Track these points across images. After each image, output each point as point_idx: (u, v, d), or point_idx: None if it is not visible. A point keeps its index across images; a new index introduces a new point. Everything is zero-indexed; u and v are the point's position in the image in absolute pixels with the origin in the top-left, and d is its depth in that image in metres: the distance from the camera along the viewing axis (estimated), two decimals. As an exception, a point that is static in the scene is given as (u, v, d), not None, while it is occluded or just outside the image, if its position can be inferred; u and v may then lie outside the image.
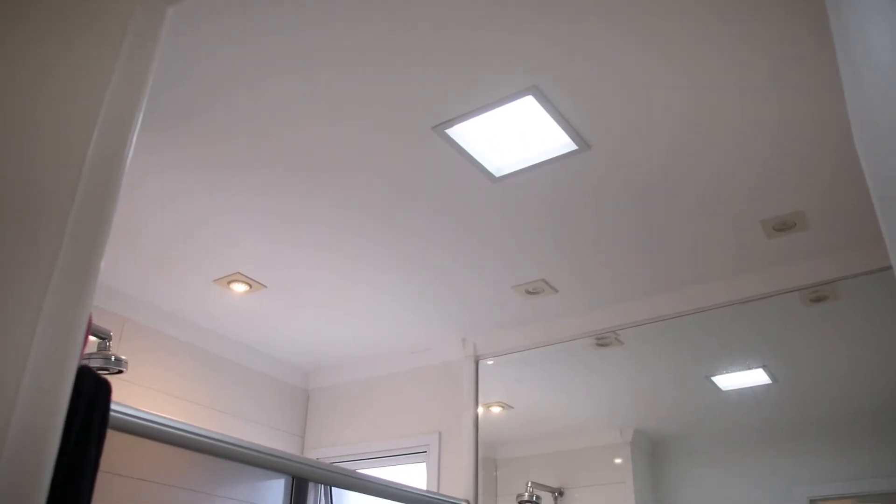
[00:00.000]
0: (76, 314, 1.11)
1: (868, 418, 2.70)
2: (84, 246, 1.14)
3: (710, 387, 3.07)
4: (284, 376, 4.12)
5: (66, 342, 1.09)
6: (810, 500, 2.71)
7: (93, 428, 1.31)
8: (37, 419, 1.03)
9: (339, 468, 2.91)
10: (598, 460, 3.27)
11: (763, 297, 2.96)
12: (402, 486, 3.16)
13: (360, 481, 2.95)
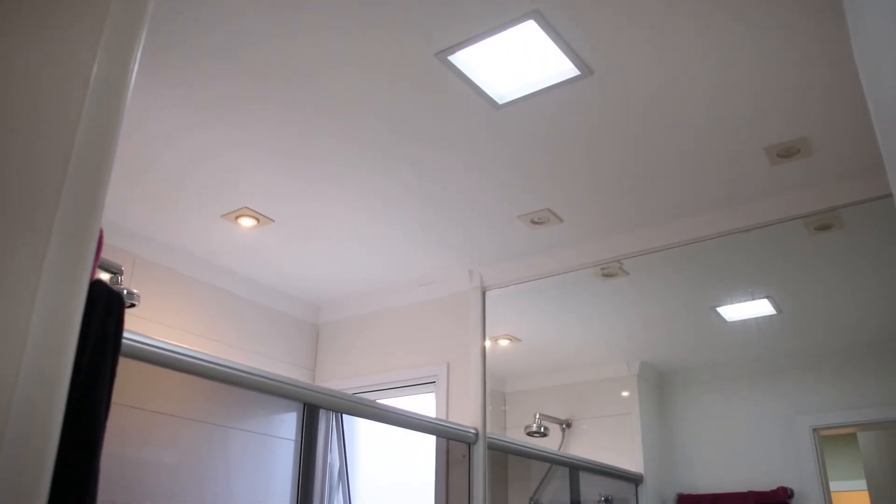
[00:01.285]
0: (87, 227, 1.12)
1: (872, 348, 2.72)
2: (91, 163, 1.15)
3: (715, 318, 3.09)
4: (294, 311, 4.16)
5: (78, 255, 1.10)
6: (813, 429, 2.74)
7: (107, 341, 1.33)
8: (51, 334, 1.05)
9: (349, 395, 2.94)
10: (605, 393, 3.30)
11: (768, 225, 2.95)
12: (411, 413, 3.21)
13: (370, 408, 3.00)
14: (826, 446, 2.70)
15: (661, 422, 3.11)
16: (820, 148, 2.66)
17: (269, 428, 3.79)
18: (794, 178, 2.85)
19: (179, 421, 3.39)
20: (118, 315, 1.36)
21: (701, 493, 2.92)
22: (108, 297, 1.33)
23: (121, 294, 1.37)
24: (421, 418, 3.24)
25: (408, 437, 3.92)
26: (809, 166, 2.78)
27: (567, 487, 3.36)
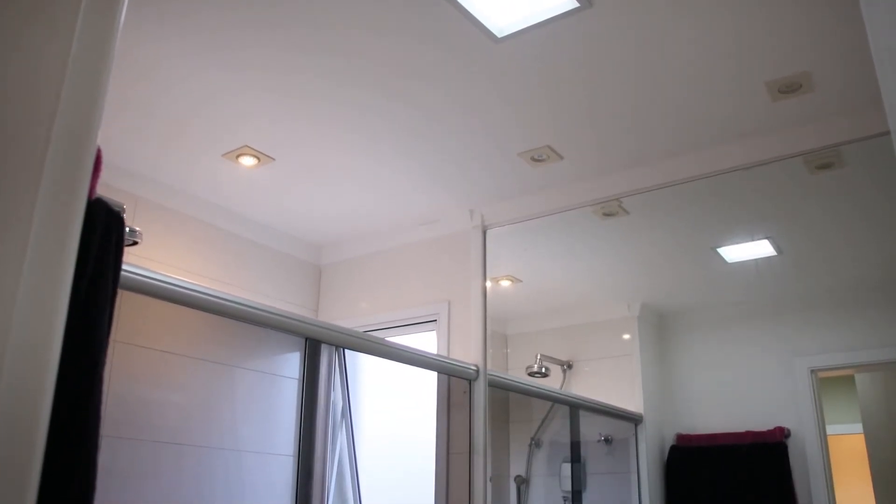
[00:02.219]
0: (83, 142, 1.11)
1: (872, 289, 2.72)
2: (86, 77, 1.14)
3: (715, 259, 3.09)
4: (297, 252, 4.17)
5: (75, 170, 1.10)
6: (811, 370, 2.76)
7: (107, 262, 1.32)
8: (48, 253, 1.05)
9: (351, 330, 2.96)
10: (606, 334, 3.32)
11: (769, 162, 2.91)
12: (412, 349, 3.23)
13: (372, 343, 3.01)
14: (824, 390, 2.72)
15: (660, 363, 3.13)
16: (821, 83, 2.63)
17: (272, 367, 3.83)
18: (795, 114, 2.82)
19: (184, 360, 3.42)
20: (118, 234, 1.36)
21: (700, 434, 2.95)
22: (107, 216, 1.32)
23: (120, 213, 1.36)
24: (422, 354, 3.27)
25: (409, 375, 3.96)
26: (810, 102, 2.74)
27: (567, 428, 3.40)
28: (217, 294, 2.35)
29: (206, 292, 2.30)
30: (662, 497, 3.00)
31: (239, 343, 3.71)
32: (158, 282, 2.10)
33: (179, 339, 3.43)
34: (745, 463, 2.86)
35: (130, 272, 1.98)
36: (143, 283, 2.05)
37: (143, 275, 2.05)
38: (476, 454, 3.34)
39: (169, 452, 3.28)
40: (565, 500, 3.28)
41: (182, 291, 2.20)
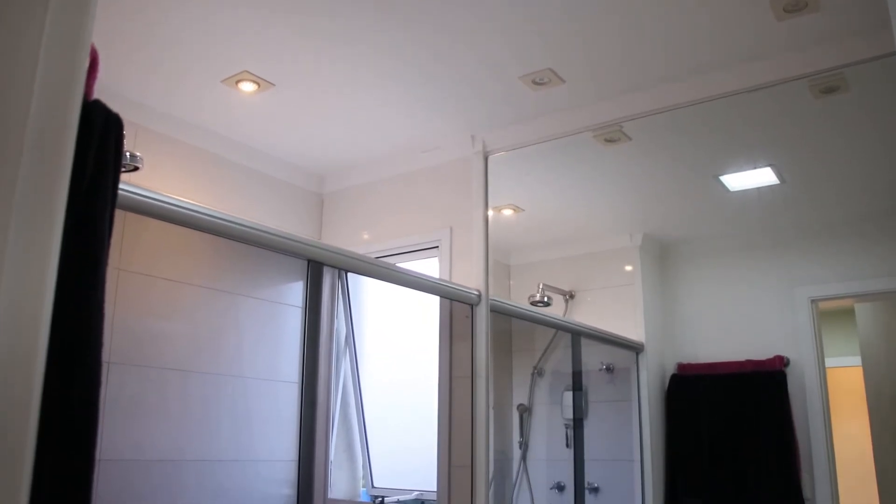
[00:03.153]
0: (76, 38, 1.10)
1: (875, 218, 2.71)
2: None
3: (718, 187, 3.07)
4: (298, 181, 4.16)
5: (70, 68, 1.10)
6: (811, 300, 2.77)
7: (107, 165, 1.32)
8: (44, 151, 1.05)
9: (352, 252, 2.96)
10: (608, 264, 3.33)
11: (773, 85, 2.84)
12: (414, 272, 3.24)
13: (374, 267, 3.02)
14: (824, 323, 2.73)
15: (662, 293, 3.14)
16: (827, 2, 2.55)
17: (276, 295, 3.85)
18: (800, 34, 2.74)
19: (189, 288, 3.44)
20: (117, 136, 1.35)
21: (700, 363, 2.98)
22: (105, 118, 1.31)
23: (118, 115, 1.34)
24: (424, 277, 3.28)
25: (412, 302, 3.99)
26: (816, 22, 2.66)
27: (569, 357, 3.43)
28: (219, 214, 2.34)
29: (209, 213, 2.29)
30: (663, 424, 3.04)
31: (242, 270, 3.73)
32: (161, 202, 2.09)
33: (183, 268, 3.44)
34: (745, 391, 2.89)
35: (132, 192, 1.97)
36: (146, 203, 2.03)
37: (144, 195, 2.04)
38: (478, 378, 3.38)
39: (175, 379, 3.33)
40: (567, 427, 3.33)
41: (184, 212, 2.19)
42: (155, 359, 3.26)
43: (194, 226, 2.27)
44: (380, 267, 3.03)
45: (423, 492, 3.58)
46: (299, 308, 3.93)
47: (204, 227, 2.31)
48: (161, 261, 3.34)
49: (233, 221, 2.39)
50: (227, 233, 2.38)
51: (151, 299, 3.28)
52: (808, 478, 2.67)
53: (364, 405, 4.09)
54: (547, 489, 3.35)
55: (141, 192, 2.04)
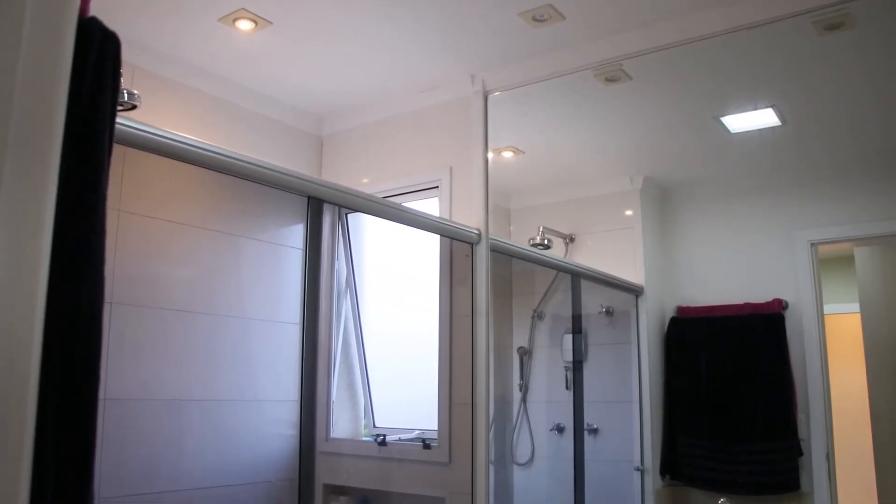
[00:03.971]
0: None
1: (877, 160, 2.70)
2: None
3: (719, 129, 3.05)
4: (297, 122, 4.13)
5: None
6: (811, 243, 2.77)
7: (105, 83, 1.30)
8: (40, 72, 1.03)
9: (353, 189, 2.95)
10: (609, 208, 3.33)
11: (776, 21, 2.77)
12: (414, 210, 3.24)
13: (374, 204, 3.01)
14: (823, 271, 2.74)
15: (662, 236, 3.14)
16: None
17: (277, 237, 3.86)
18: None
19: (190, 230, 3.45)
20: (115, 56, 1.33)
21: (699, 306, 2.99)
22: (102, 37, 1.29)
23: (116, 34, 1.32)
24: (424, 216, 3.28)
25: (412, 244, 3.99)
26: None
27: (569, 300, 3.44)
28: (219, 149, 2.32)
29: (208, 147, 2.27)
30: (661, 366, 3.07)
31: (243, 212, 3.73)
32: (160, 137, 2.07)
33: (184, 209, 3.44)
34: (743, 334, 2.91)
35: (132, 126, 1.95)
36: (145, 138, 2.02)
37: (144, 129, 2.02)
38: (479, 316, 3.40)
39: (178, 320, 3.35)
40: (566, 370, 3.36)
41: (184, 147, 2.17)
42: (157, 300, 3.28)
43: (194, 161, 2.26)
44: (380, 204, 3.02)
45: (425, 430, 3.62)
46: (300, 250, 3.94)
47: (204, 163, 2.29)
48: (161, 202, 3.34)
49: (233, 157, 2.38)
50: (227, 168, 2.37)
51: (152, 241, 3.29)
52: (804, 418, 2.71)
53: (365, 346, 4.12)
54: (547, 430, 3.39)
55: (140, 127, 2.03)
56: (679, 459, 2.98)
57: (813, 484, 2.66)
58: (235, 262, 3.65)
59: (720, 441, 2.89)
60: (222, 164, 2.33)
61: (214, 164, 2.31)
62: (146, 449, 3.17)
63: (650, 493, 3.03)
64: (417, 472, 3.55)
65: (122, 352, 3.09)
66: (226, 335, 3.56)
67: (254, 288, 3.72)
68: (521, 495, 3.44)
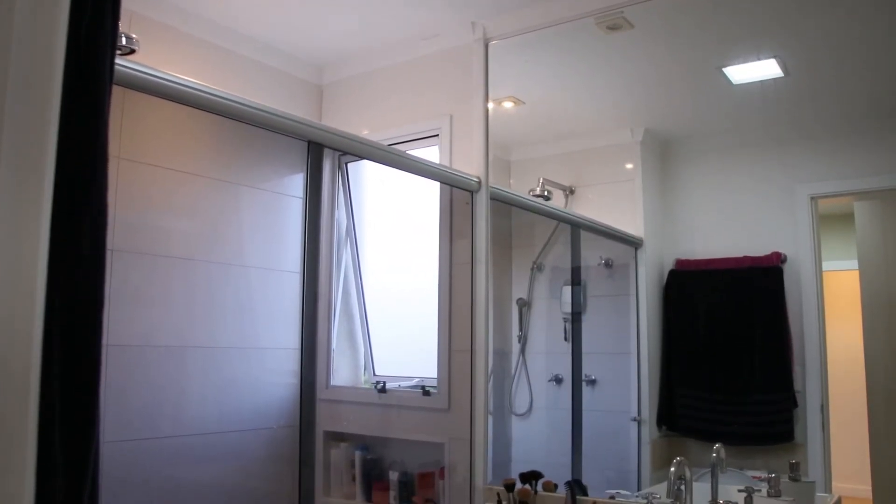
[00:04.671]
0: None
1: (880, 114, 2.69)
2: None
3: (721, 79, 3.03)
4: (297, 72, 4.11)
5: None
6: (811, 197, 2.77)
7: (104, 21, 1.29)
8: (40, 5, 1.02)
9: (354, 135, 2.94)
10: (609, 160, 3.32)
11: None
12: (414, 157, 3.23)
13: (374, 149, 3.01)
14: (823, 227, 2.74)
15: (662, 189, 3.14)
16: None
17: (277, 185, 3.86)
18: None
19: (191, 178, 3.45)
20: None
21: (698, 259, 3.00)
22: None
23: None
24: (424, 162, 3.27)
25: (412, 194, 4.00)
26: None
27: (568, 252, 3.45)
28: (219, 92, 2.31)
29: (208, 90, 2.26)
30: (660, 318, 3.08)
31: (243, 160, 3.72)
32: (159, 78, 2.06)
33: (184, 157, 3.44)
34: (741, 286, 2.92)
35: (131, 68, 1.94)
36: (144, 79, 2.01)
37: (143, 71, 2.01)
38: (478, 264, 3.41)
39: (179, 268, 3.36)
40: (565, 321, 3.38)
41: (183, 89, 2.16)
42: (158, 248, 3.29)
43: (194, 103, 2.25)
44: (380, 150, 3.01)
45: (424, 378, 3.65)
46: (300, 199, 3.94)
47: (204, 105, 2.28)
48: (162, 151, 3.33)
49: (233, 99, 2.37)
50: (227, 111, 2.36)
51: (153, 189, 3.29)
52: (800, 371, 2.73)
53: (365, 295, 4.14)
54: (545, 381, 3.42)
55: (139, 68, 2.02)
56: (675, 410, 3.01)
57: (807, 435, 2.69)
58: (236, 211, 3.66)
59: (717, 393, 2.92)
60: (222, 107, 2.32)
61: (214, 106, 2.30)
62: (149, 395, 3.21)
63: (646, 444, 3.07)
64: (417, 419, 3.60)
65: (124, 299, 3.11)
66: (227, 283, 3.58)
67: (254, 236, 3.73)
68: (519, 445, 3.49)
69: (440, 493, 3.48)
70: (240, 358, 3.60)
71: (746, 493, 2.62)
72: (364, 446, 3.84)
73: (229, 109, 2.36)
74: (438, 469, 3.50)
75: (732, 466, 2.72)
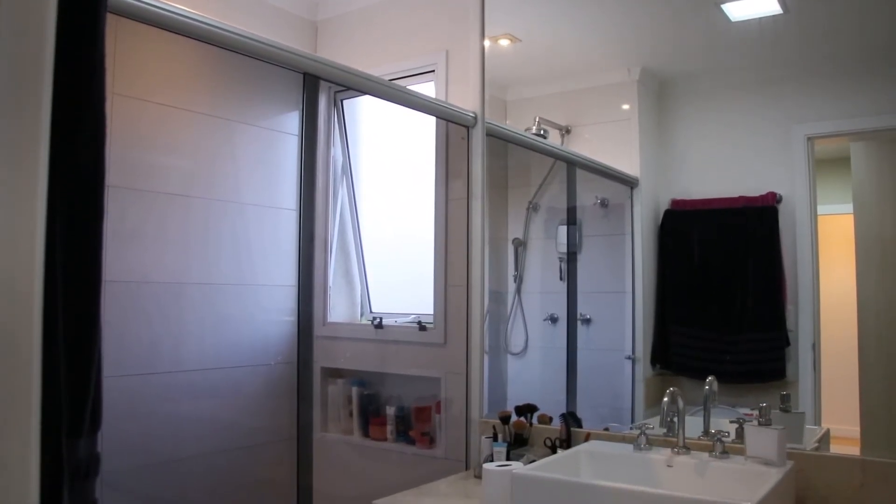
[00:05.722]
0: None
1: (875, 54, 2.67)
2: None
3: (719, 16, 3.00)
4: (291, 7, 4.06)
5: None
6: (808, 137, 2.76)
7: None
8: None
9: (350, 67, 2.92)
10: (606, 99, 3.31)
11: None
12: (411, 91, 3.22)
13: (370, 82, 2.99)
14: (819, 171, 2.74)
15: (658, 128, 3.13)
16: None
17: (272, 123, 3.84)
18: None
19: (185, 114, 3.43)
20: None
21: (694, 198, 3.00)
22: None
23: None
24: (420, 96, 3.26)
25: (408, 130, 3.99)
26: None
27: (564, 191, 3.45)
28: (213, 21, 2.29)
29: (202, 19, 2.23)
30: (655, 258, 3.10)
31: (239, 95, 3.70)
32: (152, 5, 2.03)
33: (179, 93, 3.42)
34: (736, 226, 2.93)
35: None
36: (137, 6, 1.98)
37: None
38: (474, 199, 3.42)
39: (175, 205, 3.36)
40: (561, 261, 3.39)
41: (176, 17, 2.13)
42: (154, 185, 3.29)
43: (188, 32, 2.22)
44: (376, 82, 2.99)
45: (420, 315, 3.68)
46: (295, 136, 3.93)
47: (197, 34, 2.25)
48: (156, 86, 3.31)
49: (228, 29, 2.34)
50: (222, 41, 2.33)
51: (148, 125, 3.28)
52: (793, 309, 2.75)
53: (361, 232, 4.15)
54: (540, 321, 3.45)
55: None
56: (670, 349, 3.04)
57: (798, 372, 2.72)
58: (231, 148, 3.65)
59: (710, 331, 2.95)
60: (217, 37, 2.30)
61: (208, 35, 2.27)
62: (148, 331, 3.24)
63: (640, 382, 3.11)
64: (413, 354, 3.63)
65: (121, 235, 3.12)
66: (224, 221, 3.59)
67: (251, 174, 3.73)
68: (514, 383, 3.53)
69: (436, 427, 3.54)
70: (237, 295, 3.63)
71: (738, 423, 2.66)
72: (361, 381, 3.88)
73: (224, 39, 2.33)
74: (435, 403, 3.55)
75: (724, 404, 2.76)
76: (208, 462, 3.49)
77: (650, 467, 2.61)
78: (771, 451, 2.42)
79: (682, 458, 2.59)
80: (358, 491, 3.65)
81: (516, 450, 3.00)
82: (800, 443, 2.61)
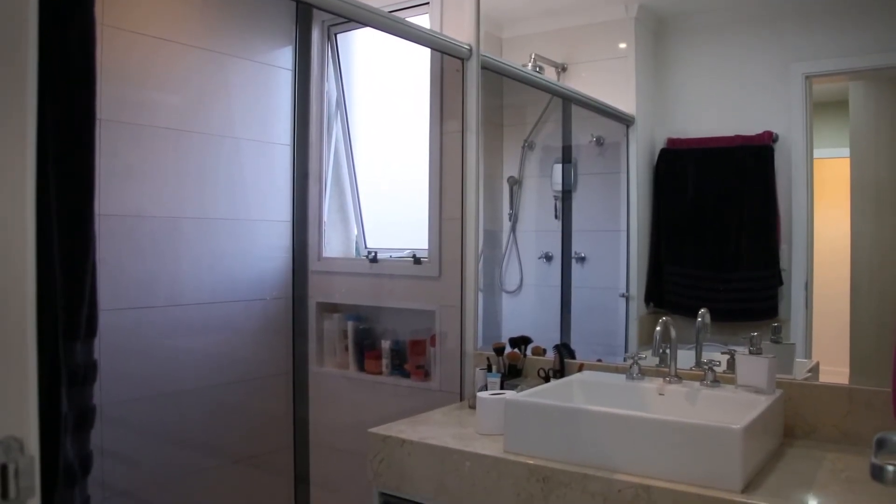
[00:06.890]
0: None
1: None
2: None
3: (719, -51, 2.96)
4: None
5: None
6: (805, 76, 2.75)
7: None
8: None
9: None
10: (602, 37, 3.27)
11: None
12: (405, 21, 3.18)
13: (364, 11, 2.95)
14: (816, 115, 2.72)
15: (655, 67, 3.11)
16: None
17: (267, 58, 3.80)
18: None
19: (179, 47, 3.39)
20: None
21: (690, 137, 3.00)
22: None
23: None
24: (414, 27, 3.22)
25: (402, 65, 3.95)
26: None
27: (560, 129, 3.44)
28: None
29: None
30: (650, 197, 3.10)
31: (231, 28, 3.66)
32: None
33: (171, 25, 3.38)
34: (732, 165, 2.93)
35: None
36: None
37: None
38: (469, 132, 3.41)
39: (169, 139, 3.35)
40: (556, 199, 3.39)
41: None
42: (148, 119, 3.27)
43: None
44: (368, 11, 2.95)
45: (415, 250, 3.69)
46: (289, 71, 3.90)
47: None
48: (148, 18, 3.27)
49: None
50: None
51: (140, 58, 3.25)
52: (787, 249, 2.77)
53: (356, 168, 4.15)
54: (535, 259, 3.46)
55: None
56: (664, 287, 3.06)
57: (790, 311, 2.75)
58: (225, 82, 3.62)
59: (704, 269, 2.97)
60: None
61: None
62: (144, 265, 3.25)
63: (634, 320, 3.14)
64: (408, 287, 3.65)
65: (115, 169, 3.11)
66: (218, 155, 3.58)
67: (244, 109, 3.70)
68: (509, 321, 3.55)
69: (431, 360, 3.58)
70: (232, 230, 3.63)
71: (729, 354, 2.71)
72: (356, 316, 3.91)
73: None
74: (430, 336, 3.58)
75: (717, 342, 2.79)
76: (206, 395, 3.54)
77: (642, 395, 2.66)
78: (761, 379, 2.46)
79: (673, 386, 2.63)
80: (353, 422, 3.70)
81: (510, 380, 3.04)
82: (790, 373, 2.65)
